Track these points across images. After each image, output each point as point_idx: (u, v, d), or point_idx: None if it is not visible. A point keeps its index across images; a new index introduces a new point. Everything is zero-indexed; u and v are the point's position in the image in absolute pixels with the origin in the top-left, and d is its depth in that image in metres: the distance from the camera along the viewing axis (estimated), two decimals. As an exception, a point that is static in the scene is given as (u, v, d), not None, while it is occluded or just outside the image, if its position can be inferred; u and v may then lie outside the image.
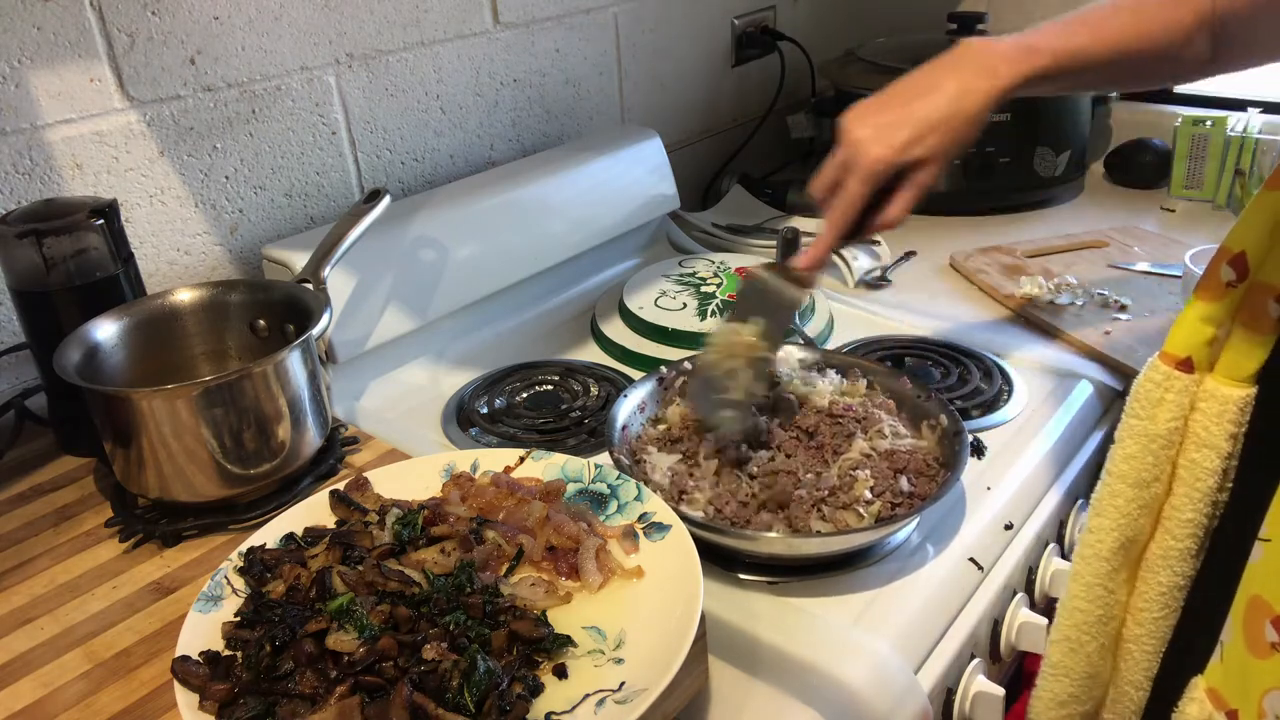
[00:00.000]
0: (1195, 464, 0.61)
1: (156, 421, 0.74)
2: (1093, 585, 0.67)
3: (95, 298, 0.83)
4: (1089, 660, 0.69)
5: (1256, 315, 0.58)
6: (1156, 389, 0.62)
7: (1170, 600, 0.64)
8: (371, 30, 1.11)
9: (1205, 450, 0.60)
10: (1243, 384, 0.59)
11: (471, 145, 1.26)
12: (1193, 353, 0.61)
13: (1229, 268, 0.59)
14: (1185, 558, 0.63)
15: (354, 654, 0.56)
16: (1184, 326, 0.61)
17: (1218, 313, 0.60)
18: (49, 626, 0.69)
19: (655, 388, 0.89)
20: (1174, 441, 0.62)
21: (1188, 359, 0.61)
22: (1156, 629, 0.66)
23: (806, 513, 0.73)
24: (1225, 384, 0.59)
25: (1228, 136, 1.41)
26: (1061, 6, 0.76)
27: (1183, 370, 0.61)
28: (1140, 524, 0.64)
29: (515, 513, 0.70)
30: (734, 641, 0.68)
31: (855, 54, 1.55)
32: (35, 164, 0.90)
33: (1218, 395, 0.60)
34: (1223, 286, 0.59)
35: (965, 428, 0.80)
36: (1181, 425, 0.62)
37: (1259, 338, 0.58)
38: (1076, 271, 1.22)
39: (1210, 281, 0.60)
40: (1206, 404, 0.60)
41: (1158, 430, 0.62)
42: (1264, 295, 0.57)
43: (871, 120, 0.73)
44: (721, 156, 1.64)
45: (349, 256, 0.92)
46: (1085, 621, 0.68)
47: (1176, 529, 0.63)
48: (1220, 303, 0.59)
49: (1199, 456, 0.61)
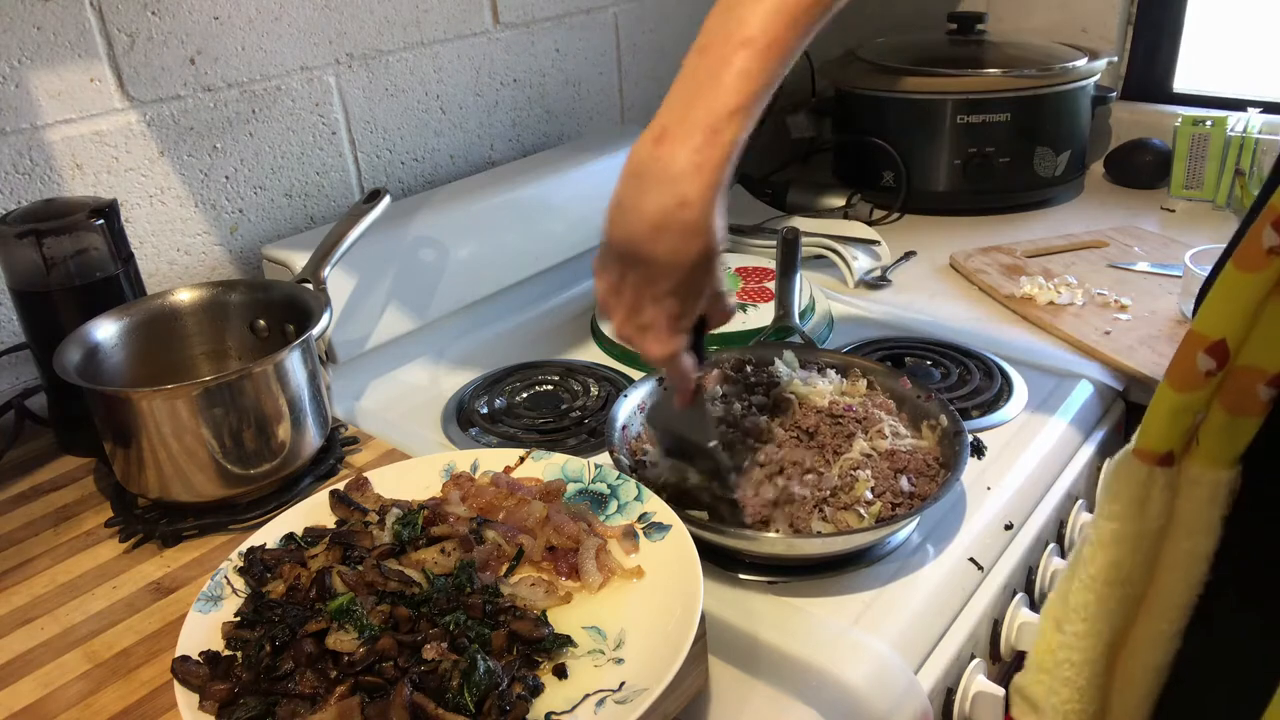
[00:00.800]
0: (1188, 553, 0.59)
1: (156, 421, 0.74)
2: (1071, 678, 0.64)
3: (95, 298, 0.83)
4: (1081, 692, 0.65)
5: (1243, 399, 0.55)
6: (1140, 489, 0.59)
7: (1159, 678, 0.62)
8: (371, 30, 1.11)
9: (1197, 537, 0.58)
10: (1229, 466, 0.57)
11: (471, 145, 1.26)
12: (1173, 446, 0.58)
13: (1207, 356, 0.55)
14: (1172, 638, 0.61)
15: (354, 654, 0.56)
16: (1160, 421, 0.58)
17: (1195, 402, 0.56)
18: (49, 626, 0.69)
19: (655, 388, 0.89)
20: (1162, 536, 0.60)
21: (1169, 453, 0.58)
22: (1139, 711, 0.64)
23: (807, 513, 0.73)
24: (1211, 469, 0.57)
25: (1228, 136, 1.41)
26: (1060, 10, 0.75)
27: (1163, 465, 0.58)
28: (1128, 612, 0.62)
29: (515, 513, 0.70)
30: (734, 641, 0.68)
31: (855, 54, 1.55)
32: (35, 164, 0.90)
33: (1204, 481, 0.57)
34: (1201, 376, 0.55)
35: (965, 428, 0.80)
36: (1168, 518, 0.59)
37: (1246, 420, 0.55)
38: (1076, 271, 1.22)
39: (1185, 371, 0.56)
40: (1193, 490, 0.58)
41: (1148, 529, 0.59)
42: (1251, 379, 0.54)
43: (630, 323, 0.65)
44: (721, 156, 1.63)
45: (349, 256, 0.92)
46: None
47: (1169, 612, 0.61)
48: (1199, 392, 0.56)
49: (1190, 545, 0.59)
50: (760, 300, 1.12)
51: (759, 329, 1.04)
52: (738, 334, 1.05)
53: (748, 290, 1.15)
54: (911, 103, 1.44)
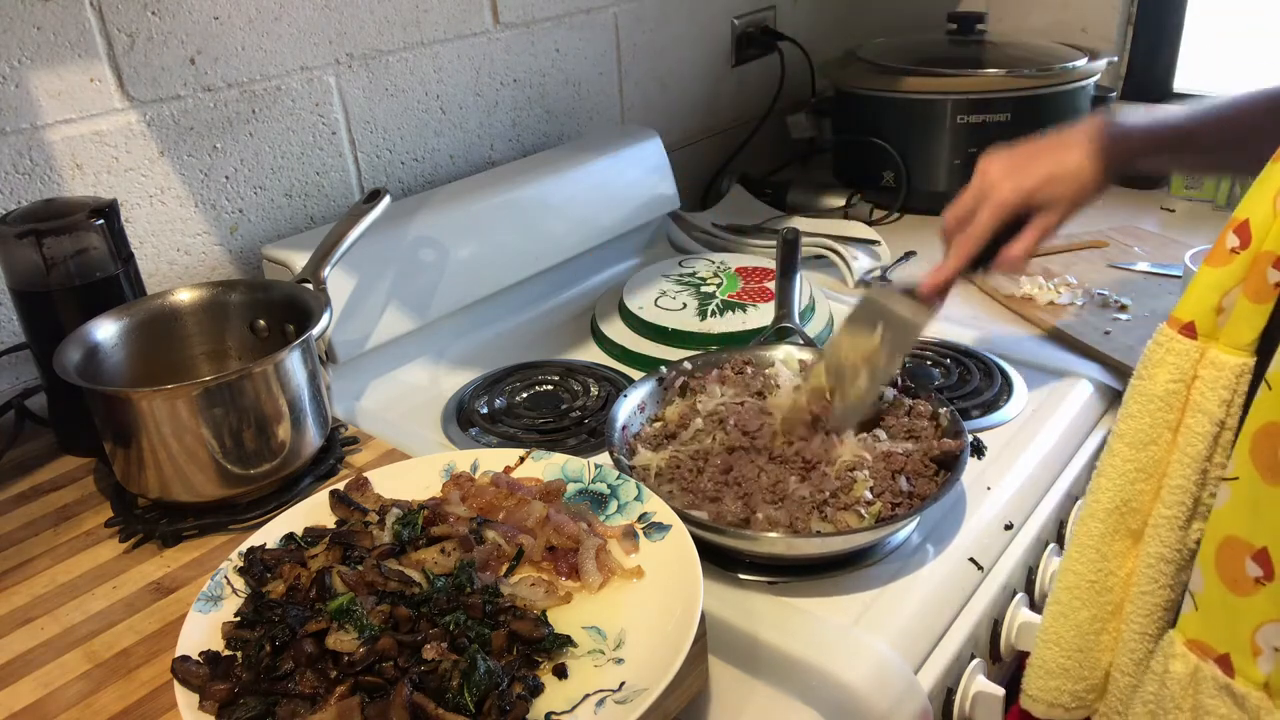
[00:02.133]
0: (1189, 429, 0.62)
1: (156, 421, 0.74)
2: (1086, 547, 0.67)
3: (95, 298, 0.83)
4: (1079, 629, 0.68)
5: (1257, 282, 0.58)
6: (1158, 350, 0.63)
7: (1158, 574, 0.64)
8: (371, 30, 1.11)
9: (1199, 415, 0.61)
10: (1241, 352, 0.60)
11: (471, 145, 1.26)
12: (1196, 318, 0.61)
13: (1234, 235, 0.60)
14: (1173, 527, 0.63)
15: (354, 654, 0.56)
16: (1192, 292, 0.62)
17: (1223, 279, 0.60)
18: (49, 626, 0.69)
19: (655, 388, 0.89)
20: (1173, 405, 0.63)
21: (1190, 324, 0.62)
22: (1144, 605, 0.65)
23: (807, 513, 0.73)
24: (1225, 351, 0.60)
25: (1228, 136, 1.41)
26: (1060, 10, 0.77)
27: (1186, 334, 0.62)
28: (1137, 488, 0.65)
29: (515, 513, 0.70)
30: (734, 641, 0.68)
31: (855, 54, 1.55)
32: (35, 164, 0.90)
33: (1216, 362, 0.60)
34: (1227, 253, 0.60)
35: (965, 428, 0.80)
36: (1183, 390, 0.62)
37: (1258, 305, 0.59)
38: (1076, 271, 1.22)
39: (1217, 249, 0.61)
40: (1207, 371, 0.61)
41: (1155, 390, 0.63)
42: (1265, 262, 0.58)
43: (1006, 164, 0.82)
44: (721, 156, 1.64)
45: (349, 256, 0.92)
46: (1077, 585, 0.68)
47: (1168, 496, 0.63)
48: (1225, 268, 0.60)
49: (1192, 422, 0.62)
50: (760, 300, 1.12)
51: (759, 329, 1.04)
52: (738, 334, 1.05)
53: (748, 290, 1.15)
54: (911, 103, 1.44)
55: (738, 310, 1.10)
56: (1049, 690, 0.71)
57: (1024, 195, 0.80)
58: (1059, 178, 0.80)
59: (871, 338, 0.80)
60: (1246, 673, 0.59)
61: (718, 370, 0.91)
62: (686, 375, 0.90)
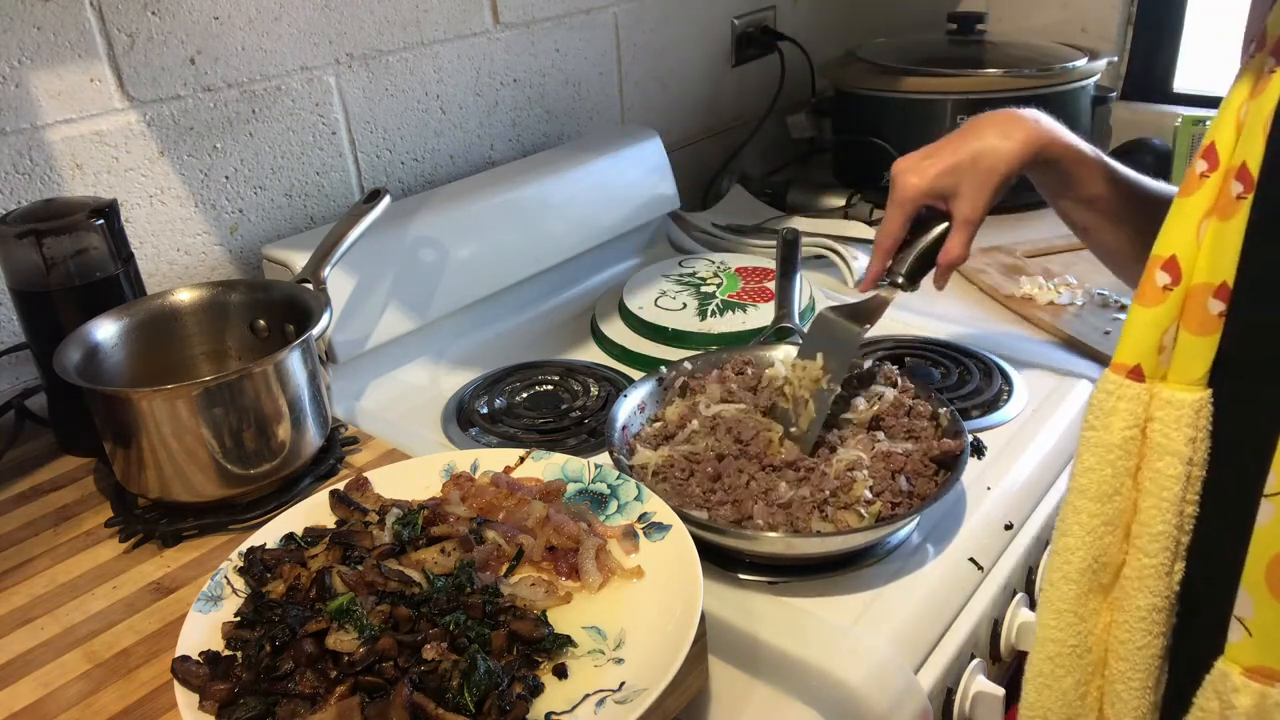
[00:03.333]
0: (1159, 473, 0.60)
1: (156, 421, 0.74)
2: (1063, 612, 0.64)
3: (95, 298, 0.83)
4: (1065, 699, 0.66)
5: (1198, 316, 0.58)
6: (1109, 399, 0.61)
7: (1151, 625, 0.62)
8: (371, 30, 1.11)
9: (1168, 458, 0.59)
10: (1195, 387, 0.58)
11: (471, 145, 1.26)
12: (1141, 360, 0.60)
13: (1163, 272, 0.59)
14: (1160, 575, 0.61)
15: (354, 654, 0.56)
16: (1129, 335, 0.61)
17: (1160, 318, 0.59)
18: (49, 626, 0.69)
19: (655, 388, 0.89)
20: (1131, 452, 0.61)
21: (1136, 367, 0.60)
22: (1140, 661, 0.63)
23: (807, 513, 0.73)
24: (1178, 389, 0.59)
25: (1228, 136, 1.41)
26: (1060, 10, 0.77)
27: (1133, 379, 0.60)
28: (1106, 542, 0.62)
29: (515, 513, 0.70)
30: (734, 641, 0.68)
31: (855, 54, 1.55)
32: (35, 164, 0.90)
33: (1173, 401, 0.59)
34: (1159, 291, 0.59)
35: (965, 428, 0.80)
36: (1138, 435, 0.60)
37: (1203, 338, 0.58)
38: (1076, 271, 1.22)
39: (1146, 287, 0.60)
40: (1163, 412, 0.59)
41: (1113, 440, 0.61)
42: (1202, 294, 0.57)
43: (910, 161, 0.85)
44: (721, 156, 1.64)
45: (349, 256, 0.92)
46: (1059, 653, 0.65)
47: (1148, 544, 0.61)
48: (1160, 307, 0.59)
49: (1162, 465, 0.59)
50: (760, 300, 1.12)
51: (759, 329, 1.04)
52: (738, 334, 1.05)
53: (748, 290, 1.15)
54: (911, 103, 1.44)
55: (738, 310, 1.10)
56: None
57: (926, 185, 0.83)
58: (960, 165, 0.82)
59: (814, 365, 0.83)
60: None
61: (718, 370, 0.91)
62: (686, 375, 0.90)
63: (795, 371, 0.85)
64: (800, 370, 0.84)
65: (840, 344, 0.83)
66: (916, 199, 0.84)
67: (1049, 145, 0.82)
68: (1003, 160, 0.81)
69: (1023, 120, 0.83)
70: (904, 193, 0.84)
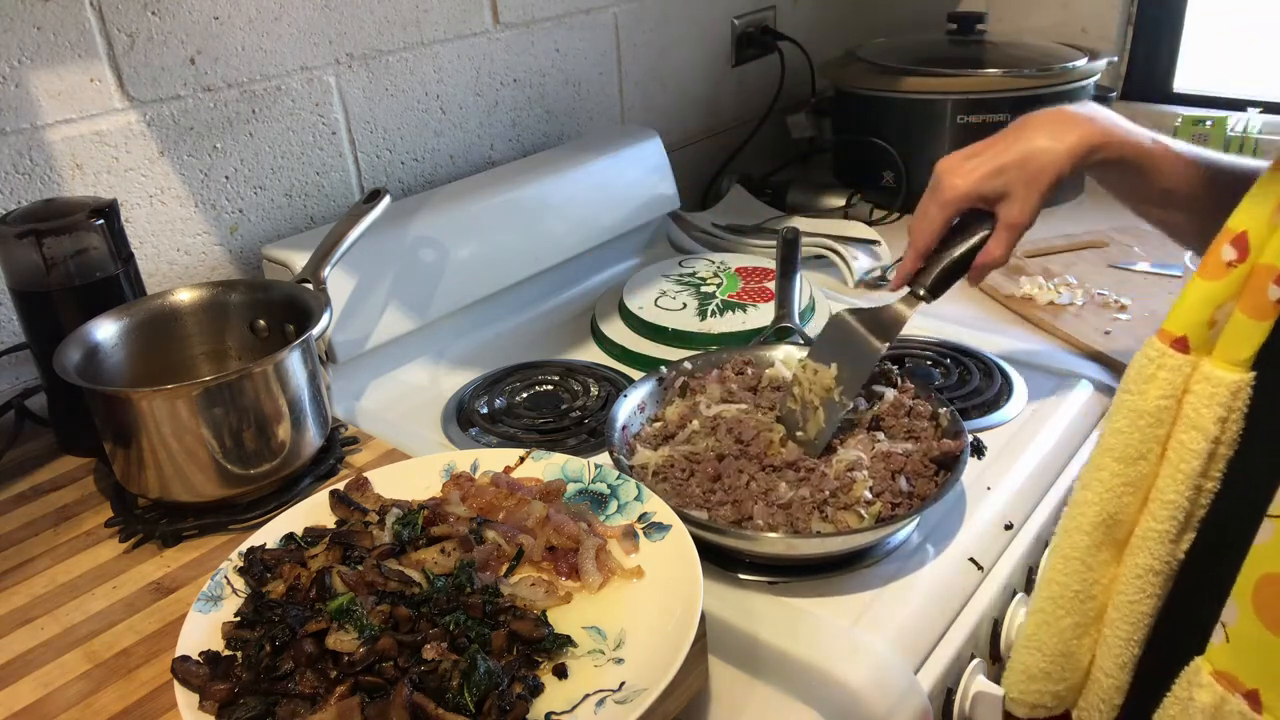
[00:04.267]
0: (1182, 445, 0.60)
1: (156, 421, 0.74)
2: (1070, 558, 0.66)
3: (95, 298, 0.83)
4: (1061, 637, 0.68)
5: (1256, 298, 0.57)
6: (1149, 365, 0.61)
7: (1146, 585, 0.64)
8: (371, 30, 1.11)
9: (1193, 432, 0.60)
10: (1237, 368, 0.58)
11: (471, 145, 1.26)
12: (1189, 332, 0.60)
13: (1230, 247, 0.58)
14: (1163, 540, 0.62)
15: (354, 654, 0.56)
16: (1182, 305, 0.61)
17: (1217, 293, 0.59)
18: (49, 626, 0.69)
19: (655, 388, 0.89)
20: (1163, 420, 0.61)
21: (1183, 338, 0.60)
22: (1130, 613, 0.65)
23: (807, 513, 0.73)
24: (1220, 367, 0.59)
25: (1228, 136, 1.41)
26: (1060, 10, 0.76)
27: (1177, 349, 0.60)
28: (1124, 501, 0.64)
29: (515, 513, 0.70)
30: (734, 641, 0.68)
31: (855, 54, 1.55)
32: (35, 164, 0.90)
33: (1211, 378, 0.59)
34: (1223, 266, 0.58)
35: (965, 428, 0.80)
36: (1173, 405, 0.61)
37: (1256, 322, 0.57)
38: (1076, 271, 1.22)
39: (1211, 260, 0.59)
40: (1200, 386, 0.59)
41: (1146, 407, 0.61)
42: (1264, 277, 0.56)
43: (958, 160, 0.81)
44: (721, 156, 1.64)
45: (349, 256, 0.92)
46: (1061, 595, 0.67)
47: (1158, 510, 0.62)
48: (1220, 282, 0.59)
49: (1186, 438, 0.60)
50: (760, 300, 1.12)
51: (759, 329, 1.04)
52: (738, 334, 1.05)
53: (748, 290, 1.15)
54: (911, 103, 1.44)
55: (738, 310, 1.10)
56: (1031, 693, 0.70)
57: (970, 188, 0.79)
58: (1007, 167, 0.78)
59: (827, 372, 0.81)
60: (1276, 710, 0.57)
61: (718, 370, 0.91)
62: (686, 375, 0.90)
63: (805, 373, 0.83)
64: (811, 374, 0.83)
65: (857, 357, 0.81)
66: (960, 201, 0.80)
67: (1104, 144, 0.78)
68: (1053, 162, 0.77)
69: (1075, 119, 0.78)
70: (947, 194, 0.80)
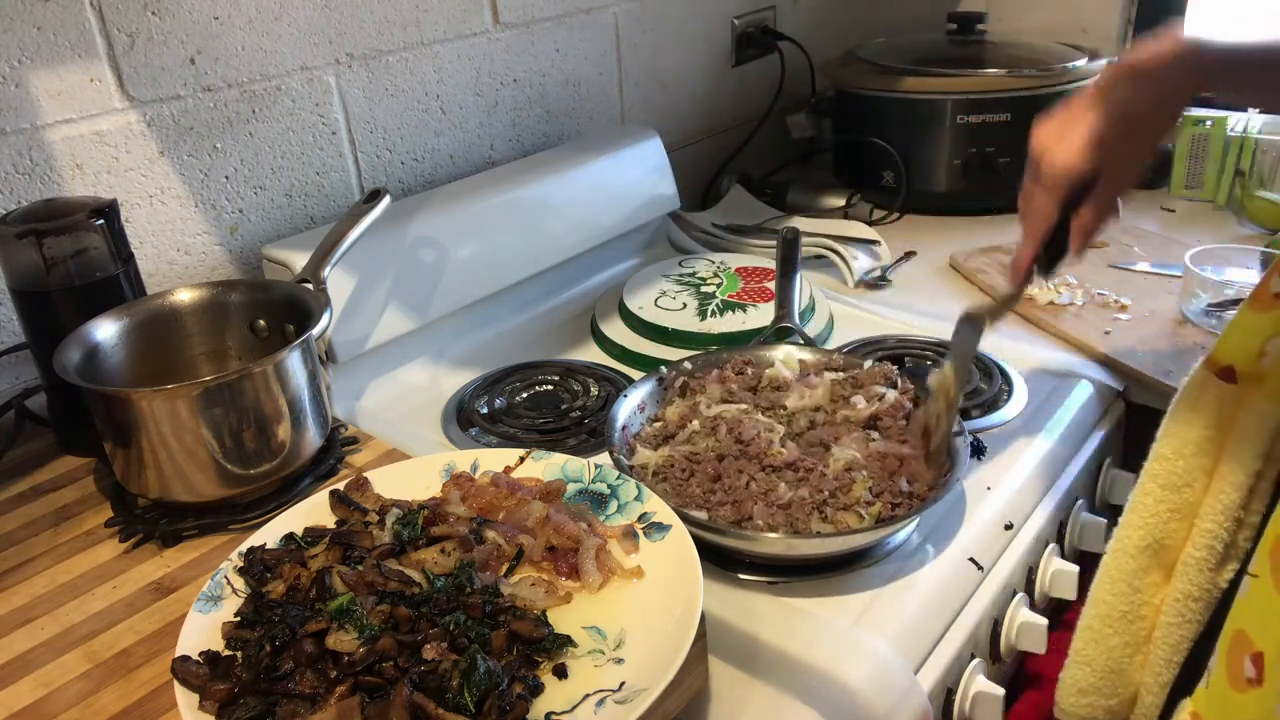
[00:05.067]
0: (1223, 476, 0.60)
1: (156, 421, 0.74)
2: (1117, 580, 0.67)
3: (95, 298, 0.83)
4: (1110, 654, 0.68)
5: None
6: (1196, 392, 0.61)
7: (1185, 610, 0.64)
8: (371, 30, 1.11)
9: (1233, 464, 0.59)
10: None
11: (471, 145, 1.26)
12: (1235, 363, 0.59)
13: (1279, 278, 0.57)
14: (1202, 569, 0.62)
15: (354, 654, 0.56)
16: (1230, 335, 0.60)
17: (1266, 325, 0.57)
18: (49, 626, 0.69)
19: (655, 388, 0.89)
20: (1209, 450, 0.60)
21: (1229, 368, 0.59)
22: (1169, 635, 0.65)
23: (807, 514, 0.73)
24: (1267, 402, 0.57)
25: (1228, 136, 1.41)
26: (1060, 10, 0.75)
27: (1223, 379, 0.59)
28: (1170, 528, 0.63)
29: (515, 513, 0.70)
30: (734, 641, 0.68)
31: (855, 54, 1.55)
32: (35, 164, 0.90)
33: (1255, 411, 0.58)
34: (1272, 297, 0.57)
35: (965, 428, 0.80)
36: (1220, 436, 0.60)
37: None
38: (1076, 271, 1.22)
39: (1262, 291, 0.58)
40: (1246, 419, 0.59)
41: (1191, 435, 0.61)
42: None
43: (1054, 130, 0.70)
44: (721, 156, 1.64)
45: (349, 256, 0.92)
46: (1108, 615, 0.68)
47: (1198, 538, 0.62)
48: (1269, 314, 0.57)
49: (1227, 469, 0.60)
50: (760, 300, 1.12)
51: (759, 329, 1.04)
52: (738, 334, 1.05)
53: (748, 290, 1.15)
54: (911, 103, 1.44)
55: (738, 310, 1.10)
56: (1081, 706, 0.71)
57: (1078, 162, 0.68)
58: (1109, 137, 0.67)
59: (946, 373, 0.80)
60: None
61: (718, 370, 0.91)
62: (686, 375, 0.90)
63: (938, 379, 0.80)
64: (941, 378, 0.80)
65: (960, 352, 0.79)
66: (1070, 180, 0.69)
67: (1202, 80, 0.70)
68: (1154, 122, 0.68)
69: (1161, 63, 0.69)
70: (1054, 172, 0.69)
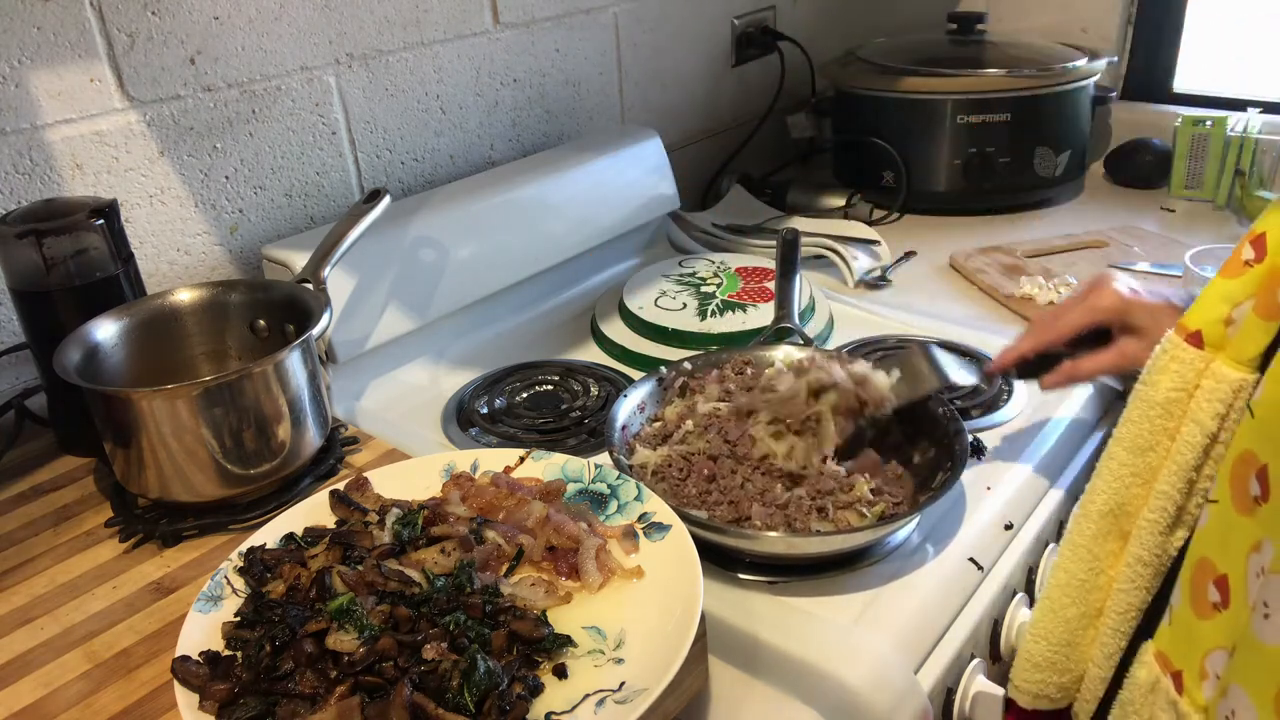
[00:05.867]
0: (1183, 438, 0.62)
1: (156, 421, 0.74)
2: (1079, 546, 0.67)
3: (95, 298, 0.83)
4: (1067, 626, 0.69)
5: (1268, 298, 0.57)
6: (1163, 356, 0.63)
7: (1135, 575, 0.64)
8: (371, 30, 1.11)
9: (1192, 426, 0.61)
10: (1242, 367, 0.59)
11: (471, 145, 1.26)
12: (1204, 328, 0.61)
13: (1250, 247, 0.59)
14: (1154, 531, 0.63)
15: (354, 654, 0.56)
16: (1200, 301, 0.62)
17: (1235, 291, 0.60)
18: (49, 626, 0.69)
19: (655, 388, 0.89)
20: (1173, 413, 0.62)
21: (1197, 333, 0.61)
22: (1120, 603, 0.65)
23: (805, 513, 0.73)
24: (1228, 365, 0.59)
25: (1228, 136, 1.41)
26: (1060, 10, 0.76)
27: (1191, 343, 0.61)
28: (1132, 492, 0.65)
29: (515, 513, 0.70)
30: (734, 641, 0.68)
31: (855, 54, 1.55)
32: (35, 164, 0.90)
33: (1216, 375, 0.60)
34: (1241, 265, 0.59)
35: (965, 428, 0.80)
36: (1184, 399, 0.62)
37: (1266, 322, 0.58)
38: (1076, 271, 1.22)
39: (1232, 259, 0.60)
40: (1207, 382, 0.60)
41: (1156, 397, 0.63)
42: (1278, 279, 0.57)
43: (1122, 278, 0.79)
44: (721, 156, 1.64)
45: (349, 256, 0.92)
46: (1068, 583, 0.68)
47: (1154, 501, 0.63)
48: (1237, 280, 0.59)
49: (1186, 431, 0.61)
50: (760, 300, 1.12)
51: (759, 329, 1.04)
52: (738, 334, 1.05)
53: (748, 290, 1.15)
54: (911, 103, 1.44)
55: (738, 310, 1.10)
56: (1035, 682, 0.71)
57: (1124, 305, 0.76)
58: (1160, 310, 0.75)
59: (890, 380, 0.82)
60: (1192, 694, 0.59)
61: (718, 370, 0.91)
62: (686, 375, 0.90)
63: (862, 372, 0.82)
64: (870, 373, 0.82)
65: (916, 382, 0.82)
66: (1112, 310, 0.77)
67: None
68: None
69: None
70: (1103, 301, 0.77)
